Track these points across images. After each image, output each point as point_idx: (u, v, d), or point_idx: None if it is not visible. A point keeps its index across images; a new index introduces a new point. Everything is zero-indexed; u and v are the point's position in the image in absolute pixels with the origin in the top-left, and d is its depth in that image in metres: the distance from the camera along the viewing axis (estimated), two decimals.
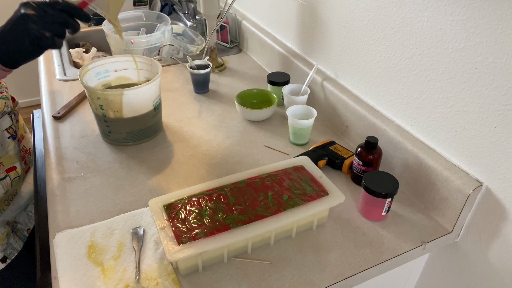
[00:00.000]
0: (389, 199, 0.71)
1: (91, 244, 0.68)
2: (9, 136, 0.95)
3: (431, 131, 0.76)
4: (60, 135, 0.96)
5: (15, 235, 0.97)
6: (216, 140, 0.96)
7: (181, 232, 0.62)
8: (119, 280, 0.62)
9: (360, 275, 0.66)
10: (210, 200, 0.69)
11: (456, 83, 0.68)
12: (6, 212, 0.94)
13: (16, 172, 0.97)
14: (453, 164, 0.73)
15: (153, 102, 0.91)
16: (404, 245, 0.70)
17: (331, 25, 0.97)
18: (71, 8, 0.63)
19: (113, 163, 0.88)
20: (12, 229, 0.96)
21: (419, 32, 0.72)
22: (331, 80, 1.00)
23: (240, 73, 1.29)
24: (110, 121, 0.89)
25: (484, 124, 0.65)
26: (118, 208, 0.76)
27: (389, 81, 0.83)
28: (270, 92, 1.07)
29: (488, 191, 0.68)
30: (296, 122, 0.90)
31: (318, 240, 0.71)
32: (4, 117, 0.93)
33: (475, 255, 0.74)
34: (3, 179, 0.93)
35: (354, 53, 0.91)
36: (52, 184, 0.81)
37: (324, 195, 0.70)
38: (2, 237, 0.93)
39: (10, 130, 0.96)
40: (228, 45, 1.46)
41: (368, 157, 0.78)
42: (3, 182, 0.93)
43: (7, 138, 0.94)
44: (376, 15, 0.81)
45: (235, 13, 1.46)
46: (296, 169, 0.77)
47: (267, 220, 0.65)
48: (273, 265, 0.66)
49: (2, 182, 0.93)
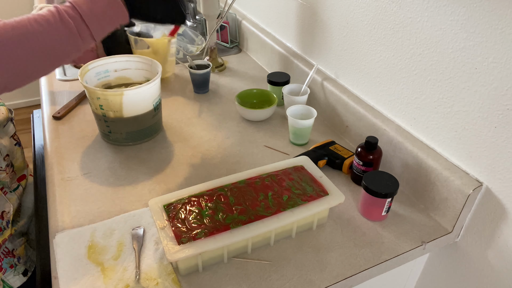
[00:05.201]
0: (389, 199, 0.72)
1: (91, 244, 0.68)
2: (16, 143, 0.95)
3: (431, 131, 0.76)
4: (60, 135, 0.96)
5: (29, 247, 0.96)
6: (216, 140, 0.96)
7: (181, 232, 0.62)
8: (119, 280, 0.62)
9: (360, 275, 0.66)
10: (210, 200, 0.69)
11: (456, 83, 0.68)
12: (19, 223, 0.93)
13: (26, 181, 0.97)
14: (453, 164, 0.73)
15: (153, 102, 0.91)
16: (404, 245, 0.70)
17: (331, 25, 0.97)
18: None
19: (113, 163, 0.88)
20: (27, 241, 0.96)
21: (419, 32, 0.72)
22: (331, 80, 1.00)
23: (240, 73, 1.29)
24: (110, 121, 0.89)
25: (484, 124, 0.65)
26: (118, 208, 0.76)
27: (389, 81, 0.83)
28: (270, 92, 1.07)
29: (488, 191, 0.68)
30: (296, 122, 0.90)
31: (318, 240, 0.71)
32: (8, 123, 0.93)
33: (475, 255, 0.74)
34: (17, 189, 0.92)
35: (354, 53, 0.91)
36: (52, 184, 0.81)
37: (324, 195, 0.70)
38: (21, 249, 0.92)
39: (15, 136, 0.96)
40: (228, 45, 1.46)
41: (368, 157, 0.78)
42: (17, 192, 0.93)
43: (14, 145, 0.94)
44: (376, 15, 0.81)
45: (235, 13, 1.46)
46: (296, 169, 0.77)
47: (267, 220, 0.65)
48: (273, 265, 0.66)
49: (16, 192, 0.92)
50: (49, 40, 0.60)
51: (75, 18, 0.62)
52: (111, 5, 0.65)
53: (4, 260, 0.87)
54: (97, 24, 0.64)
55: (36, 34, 0.59)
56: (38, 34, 0.59)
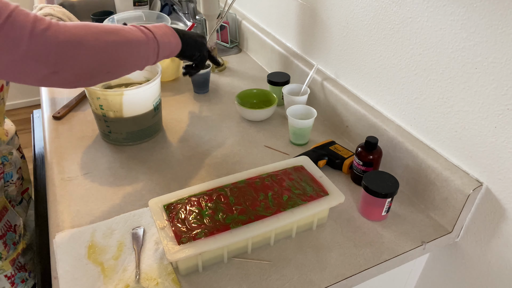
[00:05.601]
0: (389, 199, 0.72)
1: (91, 244, 0.68)
2: (21, 155, 0.95)
3: (431, 131, 0.76)
4: (60, 135, 0.96)
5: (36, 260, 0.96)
6: (216, 140, 0.96)
7: (181, 232, 0.62)
8: (119, 280, 0.62)
9: (360, 275, 0.66)
10: (210, 200, 0.69)
11: (456, 83, 0.68)
12: (27, 236, 0.93)
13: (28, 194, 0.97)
14: (453, 164, 0.73)
15: (153, 102, 0.91)
16: (404, 245, 0.70)
17: (331, 25, 0.97)
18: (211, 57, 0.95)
19: (113, 163, 0.88)
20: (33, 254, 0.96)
21: (419, 32, 0.72)
22: (331, 80, 1.00)
23: (240, 73, 1.29)
24: (110, 121, 0.89)
25: (484, 124, 0.65)
26: (118, 208, 0.76)
27: (389, 81, 0.83)
28: (270, 92, 1.07)
29: (488, 191, 0.68)
30: (296, 122, 0.90)
31: (318, 240, 0.71)
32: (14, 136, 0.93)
33: (475, 255, 0.74)
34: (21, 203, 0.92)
35: (354, 53, 0.91)
36: (52, 184, 0.81)
37: (324, 195, 0.70)
38: (32, 264, 0.92)
39: (20, 149, 0.96)
40: (228, 45, 1.46)
41: (368, 157, 0.78)
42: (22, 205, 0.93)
43: (20, 158, 0.94)
44: (376, 15, 0.81)
45: (235, 13, 1.46)
46: (296, 169, 0.77)
47: (267, 220, 0.65)
48: (273, 265, 0.66)
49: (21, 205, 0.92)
50: (136, 50, 0.67)
51: (150, 35, 0.70)
52: (175, 39, 0.77)
53: (17, 275, 0.87)
54: (164, 49, 0.74)
55: (131, 42, 0.66)
56: (134, 42, 0.66)
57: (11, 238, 0.87)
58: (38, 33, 0.51)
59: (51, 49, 0.53)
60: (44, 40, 0.52)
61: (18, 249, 0.87)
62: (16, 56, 0.51)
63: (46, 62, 0.53)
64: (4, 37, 0.49)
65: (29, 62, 0.52)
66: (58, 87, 0.59)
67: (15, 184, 0.88)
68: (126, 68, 0.67)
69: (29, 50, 0.51)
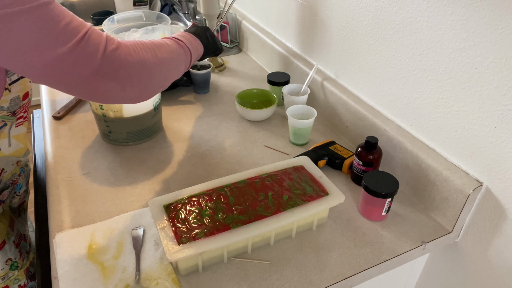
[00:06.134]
0: (389, 199, 0.72)
1: (91, 244, 0.68)
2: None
3: (431, 131, 0.76)
4: (60, 135, 0.96)
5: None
6: (216, 140, 0.96)
7: (181, 232, 0.62)
8: (119, 280, 0.62)
9: (360, 275, 0.66)
10: (210, 200, 0.69)
11: (456, 83, 0.68)
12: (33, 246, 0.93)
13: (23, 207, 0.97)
14: (453, 164, 0.73)
15: (153, 102, 0.91)
16: (404, 245, 0.70)
17: (331, 25, 0.97)
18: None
19: (113, 163, 0.88)
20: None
21: (419, 32, 0.72)
22: (331, 80, 1.00)
23: (240, 73, 1.29)
24: (110, 121, 0.89)
25: (484, 124, 0.65)
26: (118, 208, 0.76)
27: (389, 81, 0.83)
28: (270, 92, 1.07)
29: (488, 191, 0.68)
30: (296, 122, 0.90)
31: (318, 240, 0.71)
32: None
33: (475, 255, 0.74)
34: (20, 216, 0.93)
35: (354, 53, 0.91)
36: (52, 184, 0.81)
37: (324, 195, 0.70)
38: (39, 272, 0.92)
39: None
40: (228, 45, 1.46)
41: (368, 157, 0.78)
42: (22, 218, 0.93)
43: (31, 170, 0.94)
44: (376, 15, 0.81)
45: (235, 13, 1.46)
46: (296, 169, 0.77)
47: (267, 220, 0.65)
48: (273, 265, 0.66)
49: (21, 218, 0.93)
50: (179, 63, 0.71)
51: (184, 46, 0.74)
52: (198, 43, 0.81)
53: (29, 284, 0.87)
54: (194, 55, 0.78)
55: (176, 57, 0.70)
56: (176, 56, 0.70)
57: (24, 247, 0.88)
58: (109, 52, 0.55)
59: (121, 68, 0.57)
60: (114, 59, 0.56)
61: (30, 258, 0.88)
62: (88, 72, 0.53)
63: (115, 79, 0.56)
64: (81, 52, 0.52)
65: (99, 79, 0.55)
66: (123, 103, 0.62)
67: (20, 196, 0.89)
68: (172, 80, 0.71)
69: (101, 67, 0.54)
